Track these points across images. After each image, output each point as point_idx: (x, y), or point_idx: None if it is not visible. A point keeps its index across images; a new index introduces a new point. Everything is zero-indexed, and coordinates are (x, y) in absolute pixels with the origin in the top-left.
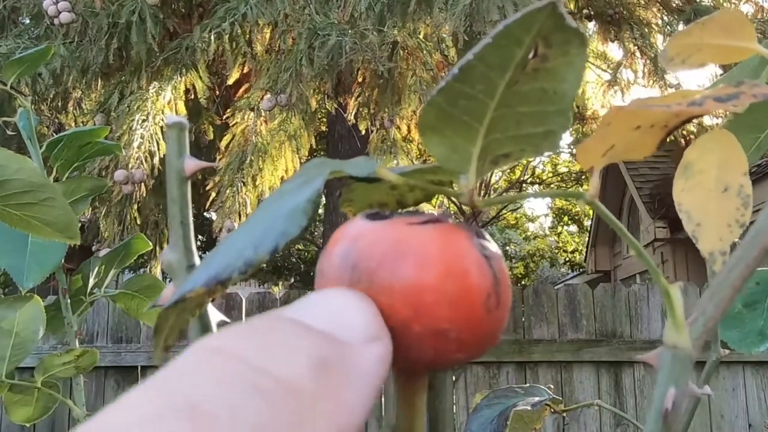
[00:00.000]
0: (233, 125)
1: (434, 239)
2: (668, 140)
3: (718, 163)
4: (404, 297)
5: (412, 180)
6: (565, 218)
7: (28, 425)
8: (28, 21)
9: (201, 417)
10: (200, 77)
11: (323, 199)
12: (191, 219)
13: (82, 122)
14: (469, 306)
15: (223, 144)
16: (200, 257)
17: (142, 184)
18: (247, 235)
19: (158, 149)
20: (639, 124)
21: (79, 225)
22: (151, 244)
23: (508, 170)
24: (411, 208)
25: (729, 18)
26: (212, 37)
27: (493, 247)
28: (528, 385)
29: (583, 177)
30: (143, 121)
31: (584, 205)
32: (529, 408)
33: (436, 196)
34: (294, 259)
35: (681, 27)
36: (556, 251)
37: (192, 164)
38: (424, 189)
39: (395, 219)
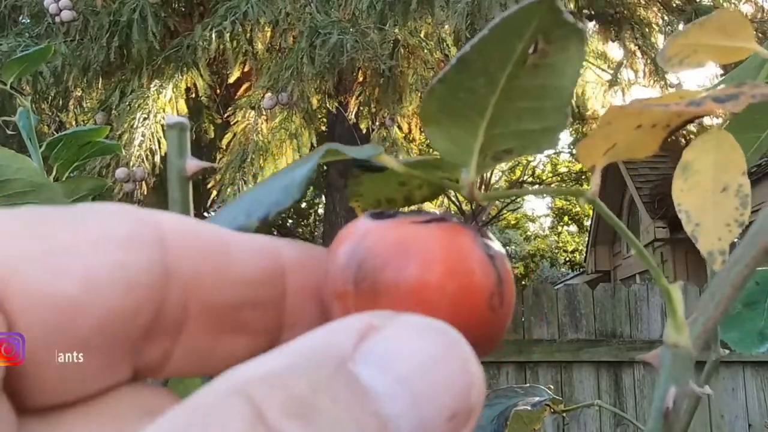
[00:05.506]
0: (234, 124)
1: (438, 238)
2: (668, 140)
3: (717, 163)
4: (409, 296)
5: (415, 170)
6: (565, 218)
7: None
8: (28, 19)
9: None
10: (201, 76)
11: (323, 198)
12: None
13: (83, 121)
14: (473, 305)
15: (224, 143)
16: None
17: (143, 182)
18: (242, 204)
19: (159, 148)
20: (640, 123)
21: None
22: None
23: (508, 170)
24: (416, 206)
25: (727, 18)
26: (213, 36)
27: (496, 246)
28: (528, 385)
29: (582, 177)
30: (144, 119)
31: (584, 205)
32: (529, 408)
33: (438, 196)
34: None
35: (681, 27)
36: (556, 251)
37: (193, 164)
38: (430, 184)
39: (400, 218)
